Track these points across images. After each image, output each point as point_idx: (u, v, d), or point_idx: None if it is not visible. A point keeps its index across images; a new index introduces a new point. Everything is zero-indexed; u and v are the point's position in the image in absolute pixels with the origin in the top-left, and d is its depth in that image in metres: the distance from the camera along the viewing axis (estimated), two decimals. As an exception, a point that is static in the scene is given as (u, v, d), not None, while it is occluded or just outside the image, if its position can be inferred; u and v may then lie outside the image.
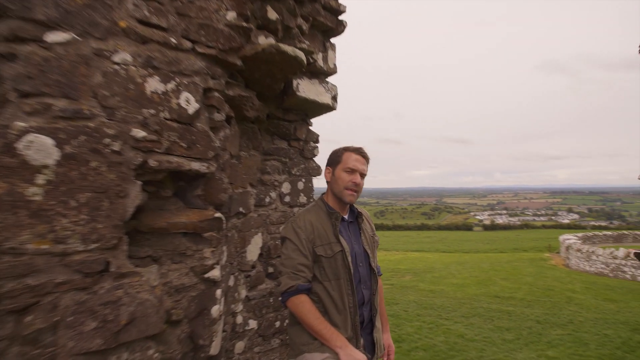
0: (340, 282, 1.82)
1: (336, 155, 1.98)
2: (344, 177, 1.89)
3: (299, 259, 1.81)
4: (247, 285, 2.29)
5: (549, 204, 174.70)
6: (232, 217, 2.09)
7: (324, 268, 1.83)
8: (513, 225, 57.31)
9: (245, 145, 2.24)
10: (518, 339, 8.02)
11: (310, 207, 2.02)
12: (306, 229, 1.86)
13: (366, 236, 1.97)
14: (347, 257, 1.83)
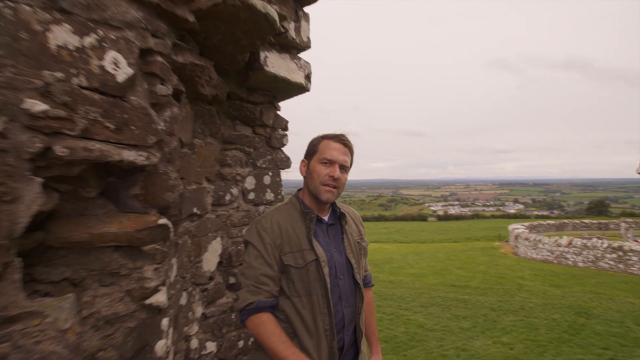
0: (312, 299, 1.49)
1: (312, 144, 1.64)
2: (319, 170, 1.56)
3: (262, 268, 1.49)
4: (203, 301, 1.90)
5: (497, 195, 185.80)
6: (183, 220, 1.68)
7: (293, 281, 1.50)
8: (465, 216, 60.03)
9: (201, 131, 1.82)
10: (475, 326, 8.23)
11: (281, 205, 1.68)
12: (272, 232, 1.53)
13: (350, 242, 1.64)
14: (322, 267, 1.50)
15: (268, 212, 1.67)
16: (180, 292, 1.66)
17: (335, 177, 1.55)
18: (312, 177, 1.59)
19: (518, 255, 18.14)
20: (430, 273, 13.91)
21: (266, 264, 1.50)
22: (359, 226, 1.76)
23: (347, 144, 1.60)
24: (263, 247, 1.51)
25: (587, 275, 12.97)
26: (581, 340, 7.25)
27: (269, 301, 1.48)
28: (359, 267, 1.63)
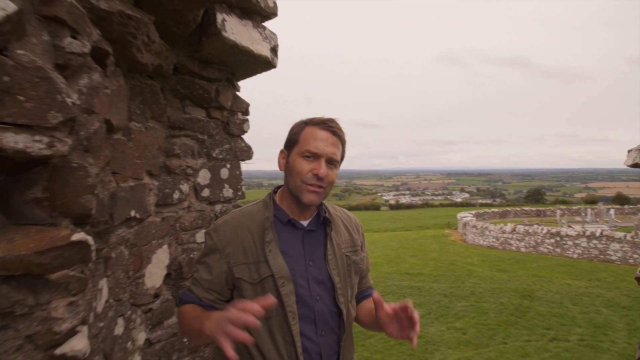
0: (271, 323, 1.20)
1: (292, 132, 1.31)
2: (301, 166, 1.24)
3: (200, 272, 1.28)
4: (147, 325, 1.53)
5: (445, 185, 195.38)
6: (117, 227, 1.30)
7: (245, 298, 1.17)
8: (415, 205, 62.20)
9: (140, 113, 1.43)
10: (429, 313, 8.41)
11: (250, 204, 1.37)
12: (224, 236, 1.25)
13: (336, 255, 1.31)
14: (279, 286, 1.19)
15: (233, 211, 1.37)
16: (115, 320, 1.28)
17: (321, 176, 1.22)
18: (291, 174, 1.27)
19: (467, 242, 18.96)
20: (385, 262, 14.12)
21: (205, 269, 1.27)
22: (354, 234, 1.42)
23: (336, 132, 1.27)
24: (207, 250, 1.29)
25: (529, 260, 13.79)
26: (527, 322, 7.63)
27: (191, 297, 1.29)
28: (344, 288, 1.31)
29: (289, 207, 1.31)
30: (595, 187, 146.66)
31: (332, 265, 1.29)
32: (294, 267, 1.23)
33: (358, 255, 1.38)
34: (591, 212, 21.97)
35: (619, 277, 10.86)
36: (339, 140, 1.29)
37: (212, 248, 1.27)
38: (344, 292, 1.30)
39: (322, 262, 1.28)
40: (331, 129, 1.26)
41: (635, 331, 6.91)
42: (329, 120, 1.28)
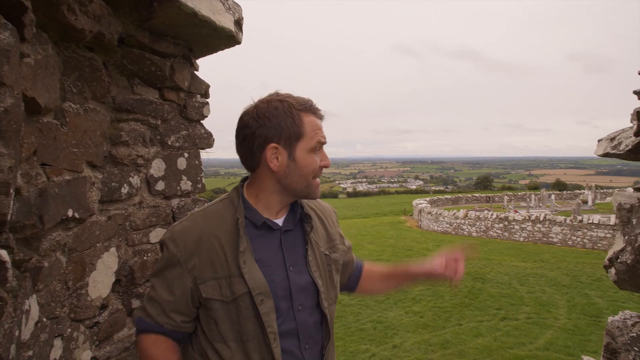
0: (247, 347, 1.03)
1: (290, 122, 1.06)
2: (311, 161, 1.09)
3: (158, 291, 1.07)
4: (93, 341, 1.30)
5: (401, 172, 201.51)
6: (50, 231, 1.07)
7: (216, 321, 1.03)
8: (372, 192, 63.45)
9: (77, 92, 1.18)
10: (388, 299, 8.61)
11: (212, 206, 1.13)
12: (185, 246, 1.04)
13: (316, 255, 1.15)
14: (257, 304, 1.02)
15: (191, 212, 1.14)
16: (50, 343, 1.06)
17: (329, 166, 1.14)
18: (301, 173, 1.08)
19: (422, 228, 19.60)
20: (345, 249, 14.26)
21: (164, 287, 1.07)
22: (330, 227, 1.26)
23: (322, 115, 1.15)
24: (165, 264, 1.07)
25: (481, 244, 14.50)
26: (479, 303, 8.02)
27: (150, 324, 1.08)
28: (327, 291, 1.16)
29: (266, 205, 1.11)
30: (538, 174, 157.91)
31: (314, 267, 1.13)
32: (273, 279, 1.06)
33: (337, 251, 1.24)
34: (535, 197, 23.49)
35: (560, 258, 11.69)
36: None
37: (171, 261, 1.05)
38: (327, 296, 1.16)
39: (303, 265, 1.12)
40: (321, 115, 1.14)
41: (574, 307, 7.46)
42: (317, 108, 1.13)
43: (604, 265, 1.86)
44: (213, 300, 1.02)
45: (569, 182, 55.76)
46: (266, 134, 1.06)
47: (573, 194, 28.75)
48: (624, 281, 1.74)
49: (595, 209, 20.82)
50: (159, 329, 1.06)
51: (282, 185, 1.10)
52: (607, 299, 7.76)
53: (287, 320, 1.07)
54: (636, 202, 1.82)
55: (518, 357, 5.44)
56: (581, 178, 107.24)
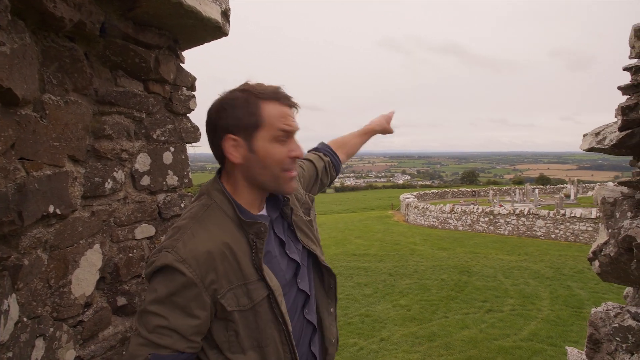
0: (265, 352, 0.99)
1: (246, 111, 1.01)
2: (277, 152, 1.02)
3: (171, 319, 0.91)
4: (77, 340, 1.27)
5: (388, 167, 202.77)
6: (31, 228, 1.03)
7: (237, 331, 0.97)
8: (360, 187, 63.72)
9: (57, 83, 1.14)
10: (375, 292, 8.69)
11: (199, 210, 1.03)
12: (197, 265, 0.93)
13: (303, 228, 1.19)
14: (278, 304, 1.00)
15: (181, 226, 1.00)
16: (31, 343, 1.03)
17: (300, 156, 1.05)
18: (265, 165, 1.02)
19: (409, 222, 19.80)
20: (332, 244, 14.32)
21: (185, 315, 0.93)
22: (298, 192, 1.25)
23: (296, 105, 1.08)
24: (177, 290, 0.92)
25: (466, 237, 14.71)
26: (465, 296, 8.15)
27: (171, 356, 0.92)
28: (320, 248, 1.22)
29: (247, 202, 1.07)
30: (522, 169, 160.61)
31: (305, 239, 1.17)
32: (281, 268, 1.07)
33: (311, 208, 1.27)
34: (519, 192, 23.93)
35: (543, 250, 11.95)
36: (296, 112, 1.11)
37: (186, 285, 0.92)
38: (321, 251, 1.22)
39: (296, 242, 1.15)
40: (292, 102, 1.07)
41: (557, 299, 7.64)
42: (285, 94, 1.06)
43: (588, 258, 1.89)
44: (234, 312, 0.96)
45: (553, 177, 56.93)
46: (225, 125, 1.02)
47: (556, 188, 29.37)
48: (607, 273, 1.78)
49: (577, 202, 21.32)
50: (179, 356, 0.93)
51: (248, 179, 1.05)
52: (588, 291, 7.97)
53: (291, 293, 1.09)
54: (619, 196, 1.86)
55: (503, 348, 5.55)
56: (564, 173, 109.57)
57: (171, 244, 0.95)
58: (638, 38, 1.84)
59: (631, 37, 1.86)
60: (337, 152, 1.58)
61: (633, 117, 1.69)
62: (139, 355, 0.90)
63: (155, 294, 0.92)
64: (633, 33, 1.85)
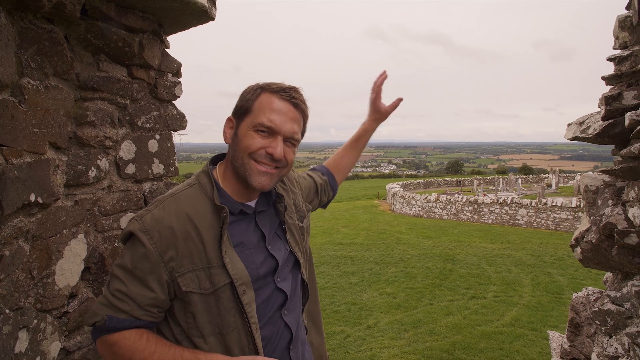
0: (227, 340, 0.99)
1: (244, 98, 1.07)
2: (251, 140, 1.02)
3: (129, 287, 0.96)
4: (62, 331, 1.24)
5: (374, 157, 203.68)
6: (11, 217, 0.99)
7: (195, 314, 0.98)
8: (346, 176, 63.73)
9: (36, 67, 1.09)
10: (362, 281, 8.80)
11: (182, 188, 1.06)
12: (160, 238, 0.96)
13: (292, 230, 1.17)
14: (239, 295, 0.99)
15: (159, 199, 1.04)
16: (14, 335, 1.00)
17: (276, 157, 1.02)
18: (238, 149, 1.04)
19: (395, 211, 19.98)
20: (319, 233, 14.39)
21: (137, 282, 0.97)
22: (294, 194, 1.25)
23: (299, 105, 1.06)
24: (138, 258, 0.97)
25: (451, 226, 14.95)
26: (450, 284, 8.31)
27: (127, 320, 0.96)
28: (305, 260, 1.19)
29: (234, 189, 1.08)
30: (506, 159, 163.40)
31: (293, 243, 1.15)
32: (254, 260, 1.04)
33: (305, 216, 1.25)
34: (503, 181, 24.35)
35: (525, 239, 12.24)
36: (301, 115, 1.09)
37: (145, 256, 0.96)
38: (305, 263, 1.20)
39: (281, 242, 1.13)
40: (293, 100, 1.05)
41: (538, 285, 7.86)
42: (291, 88, 1.06)
43: (570, 245, 1.94)
44: (192, 293, 0.97)
45: (535, 167, 58.12)
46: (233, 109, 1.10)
47: (538, 178, 29.99)
48: (588, 260, 1.83)
49: (558, 192, 21.84)
50: (136, 322, 0.97)
51: (232, 164, 1.07)
52: (567, 277, 8.22)
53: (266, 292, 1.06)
54: (601, 184, 1.90)
55: (486, 333, 5.70)
56: (546, 163, 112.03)
57: (142, 214, 1.00)
58: (622, 29, 1.86)
59: (615, 28, 1.89)
60: (334, 174, 1.59)
61: (616, 107, 1.73)
62: (98, 315, 0.96)
63: (121, 259, 0.99)
64: (617, 24, 1.88)
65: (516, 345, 5.28)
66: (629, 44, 1.80)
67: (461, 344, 5.37)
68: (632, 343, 1.56)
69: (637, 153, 1.59)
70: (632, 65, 1.73)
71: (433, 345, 5.39)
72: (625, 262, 1.55)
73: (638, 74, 1.70)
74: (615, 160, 1.77)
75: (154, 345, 0.96)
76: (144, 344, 0.96)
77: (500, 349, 5.18)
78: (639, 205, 1.60)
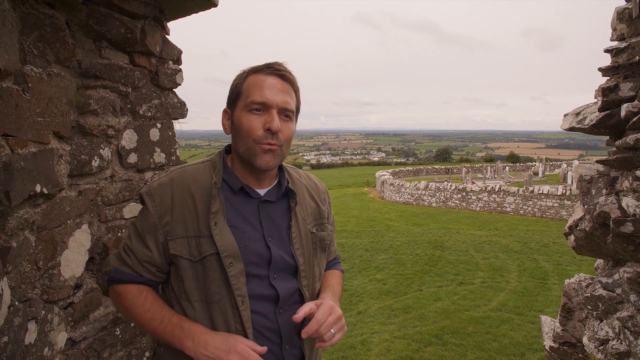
0: (212, 308, 1.02)
1: (233, 85, 1.10)
2: (249, 123, 1.03)
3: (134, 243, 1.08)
4: (68, 322, 1.24)
5: (364, 145, 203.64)
6: (18, 208, 0.98)
7: (183, 279, 1.03)
8: (336, 164, 63.98)
9: (38, 54, 1.06)
10: (352, 267, 8.91)
11: (194, 164, 1.14)
12: (161, 202, 1.04)
13: (301, 232, 1.13)
14: (225, 266, 1.01)
15: (171, 169, 1.14)
16: (25, 327, 1.00)
17: (274, 129, 1.02)
18: (239, 134, 1.05)
19: (384, 199, 20.14)
20: (310, 221, 14.43)
21: (139, 239, 1.07)
22: (321, 204, 1.23)
23: (286, 75, 1.07)
24: (141, 217, 1.09)
25: (440, 214, 15.15)
26: (439, 270, 8.47)
27: (130, 274, 1.07)
28: (309, 270, 1.14)
29: (242, 174, 1.10)
30: (493, 147, 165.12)
31: (297, 245, 1.12)
32: (246, 245, 1.05)
33: (325, 229, 1.22)
34: (490, 169, 24.68)
35: (512, 226, 12.49)
36: (291, 87, 1.09)
37: (146, 217, 1.07)
38: (308, 274, 1.14)
39: (285, 239, 1.11)
40: (279, 72, 1.06)
41: (524, 271, 8.06)
42: (275, 63, 1.07)
43: (564, 233, 1.99)
44: (180, 258, 1.03)
45: (522, 155, 58.96)
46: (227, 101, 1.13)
47: (525, 166, 30.47)
48: (581, 247, 1.89)
49: (545, 180, 22.25)
50: (138, 278, 1.07)
51: (235, 151, 1.10)
52: (552, 263, 8.44)
53: (261, 286, 1.06)
54: (595, 174, 1.95)
55: (473, 318, 5.84)
56: (533, 151, 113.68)
57: (153, 180, 1.12)
58: (620, 21, 1.89)
59: (613, 20, 1.91)
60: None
61: (612, 98, 1.76)
62: (109, 265, 1.09)
63: (135, 218, 1.11)
64: (615, 15, 1.90)
65: (503, 329, 5.44)
66: (626, 36, 1.83)
67: (450, 329, 5.50)
68: (623, 326, 1.62)
69: (632, 144, 1.63)
70: (629, 57, 1.75)
71: (422, 330, 5.51)
72: (620, 249, 1.60)
73: (635, 66, 1.72)
74: (609, 151, 1.81)
75: (150, 304, 1.05)
76: (141, 301, 1.05)
77: (488, 333, 5.32)
78: (632, 195, 1.64)
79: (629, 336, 1.59)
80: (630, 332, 1.58)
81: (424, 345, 5.03)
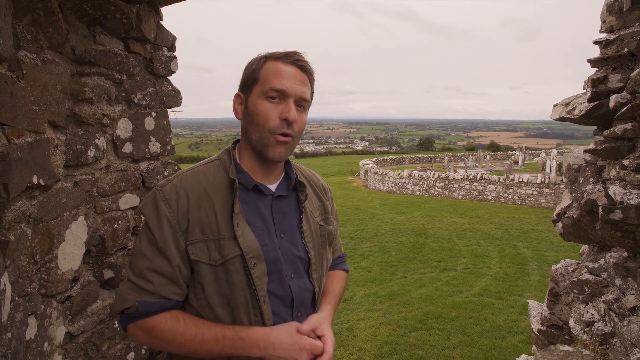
0: (235, 313, 1.00)
1: (249, 69, 1.06)
2: (265, 110, 1.01)
3: (152, 260, 0.97)
4: (66, 315, 1.21)
5: (347, 133, 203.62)
6: (15, 200, 0.94)
7: (203, 285, 0.99)
8: (319, 153, 63.88)
9: (32, 39, 1.01)
10: (338, 256, 9.02)
11: (203, 163, 1.10)
12: (178, 206, 0.98)
13: (311, 225, 1.13)
14: (249, 267, 0.99)
15: (180, 171, 1.07)
16: (25, 322, 0.97)
17: (290, 120, 1.00)
18: (253, 122, 1.03)
19: (368, 187, 20.29)
20: (295, 210, 14.44)
21: (159, 253, 0.97)
22: (325, 201, 1.24)
23: (305, 67, 1.06)
24: (158, 227, 0.98)
25: (423, 202, 15.39)
26: (422, 257, 8.64)
27: (158, 302, 0.97)
28: (319, 262, 1.14)
29: (251, 168, 1.08)
30: (475, 136, 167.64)
31: (308, 237, 1.12)
32: (265, 242, 1.03)
33: (331, 224, 1.22)
34: (472, 158, 25.12)
35: (493, 213, 12.80)
36: (308, 78, 1.08)
37: (164, 225, 0.98)
38: (318, 267, 1.14)
39: (296, 234, 1.11)
40: (298, 62, 1.05)
41: (505, 257, 8.30)
42: (294, 52, 1.06)
43: (552, 220, 2.05)
44: (201, 263, 0.98)
45: (502, 144, 60.10)
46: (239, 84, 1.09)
47: (506, 155, 31.13)
48: (569, 234, 1.95)
49: (524, 168, 22.81)
50: (166, 304, 0.98)
51: (247, 139, 1.08)
52: (532, 249, 8.71)
53: (280, 286, 1.05)
54: (583, 163, 2.01)
55: (456, 303, 6.00)
56: (513, 140, 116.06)
57: (163, 184, 1.03)
58: (610, 13, 1.93)
59: (603, 12, 1.95)
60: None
61: (602, 89, 1.81)
62: (128, 301, 0.95)
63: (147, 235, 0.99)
64: (605, 8, 1.94)
65: (484, 313, 5.61)
66: (615, 28, 1.87)
67: (434, 314, 5.64)
68: (608, 309, 1.70)
69: (620, 134, 1.68)
70: (618, 49, 1.80)
71: (407, 316, 5.63)
72: (608, 235, 1.66)
73: (623, 58, 1.77)
74: (596, 140, 1.86)
75: (193, 327, 0.97)
76: (182, 327, 0.96)
77: (470, 317, 5.49)
78: (619, 183, 1.70)
79: (614, 318, 1.66)
80: (615, 314, 1.66)
81: (408, 331, 5.16)
